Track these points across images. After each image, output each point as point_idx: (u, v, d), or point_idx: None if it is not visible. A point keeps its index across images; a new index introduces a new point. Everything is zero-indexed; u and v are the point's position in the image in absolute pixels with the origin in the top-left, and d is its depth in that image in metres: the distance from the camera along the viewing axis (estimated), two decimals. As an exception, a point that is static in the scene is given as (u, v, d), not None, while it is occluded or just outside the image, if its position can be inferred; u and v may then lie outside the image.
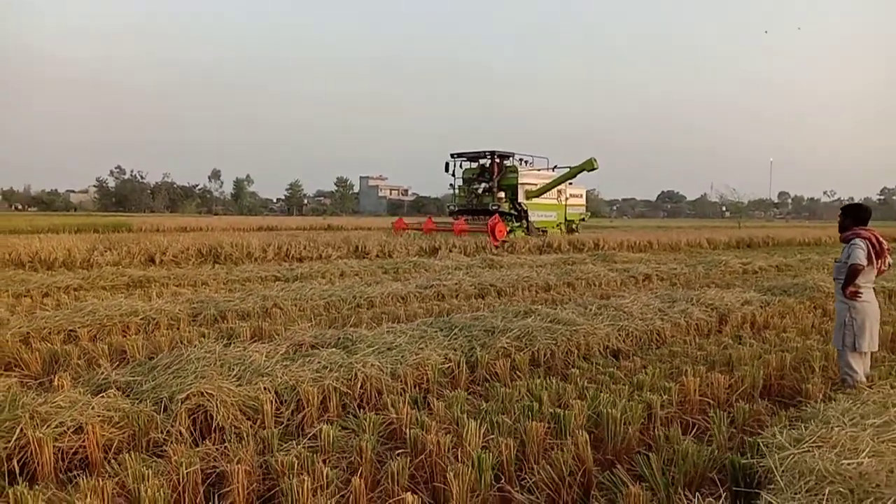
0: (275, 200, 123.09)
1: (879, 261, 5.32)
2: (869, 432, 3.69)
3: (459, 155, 25.79)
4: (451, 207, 27.10)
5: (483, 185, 25.59)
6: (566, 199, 27.58)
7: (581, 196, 29.15)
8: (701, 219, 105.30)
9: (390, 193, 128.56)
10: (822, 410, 4.27)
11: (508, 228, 23.04)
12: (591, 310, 8.45)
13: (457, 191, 26.61)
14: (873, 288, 5.53)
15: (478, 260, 17.34)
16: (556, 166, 26.74)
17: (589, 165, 23.97)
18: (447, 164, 25.97)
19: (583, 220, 29.59)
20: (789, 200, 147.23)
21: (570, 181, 25.98)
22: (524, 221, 24.75)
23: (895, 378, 5.55)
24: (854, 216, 5.50)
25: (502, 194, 24.76)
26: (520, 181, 25.10)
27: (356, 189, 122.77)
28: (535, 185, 25.48)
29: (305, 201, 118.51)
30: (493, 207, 24.20)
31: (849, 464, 3.22)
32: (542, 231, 25.50)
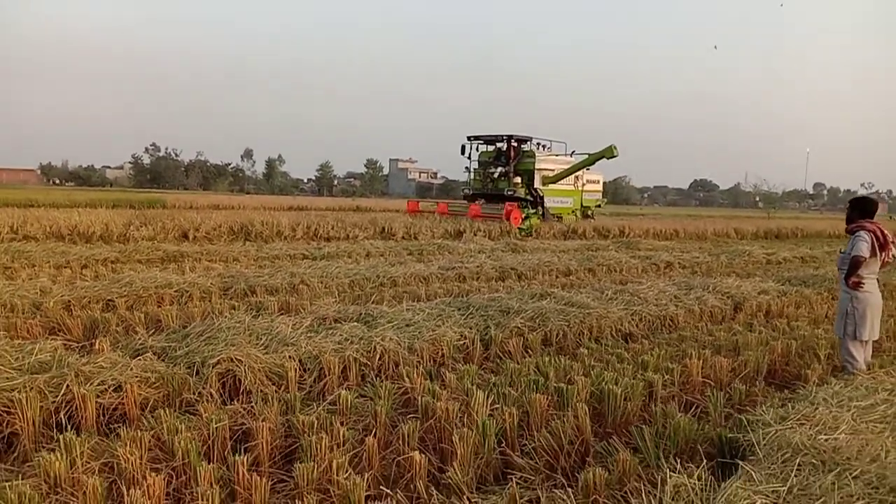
0: (305, 181, 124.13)
1: (883, 253, 5.49)
2: (852, 413, 3.92)
3: (476, 138, 25.27)
4: (466, 191, 26.70)
5: (499, 169, 25.12)
6: (583, 185, 26.98)
7: (598, 182, 28.51)
8: (733, 208, 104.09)
9: (419, 176, 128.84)
10: (814, 393, 4.49)
11: (524, 215, 22.53)
12: (606, 294, 8.68)
13: (472, 174, 26.18)
14: (877, 279, 5.69)
15: (501, 244, 17.58)
16: (573, 152, 26.24)
17: (609, 153, 23.60)
18: (463, 147, 25.40)
19: (598, 206, 28.92)
20: (825, 192, 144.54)
21: (587, 167, 25.72)
22: (540, 207, 24.26)
23: (896, 367, 5.72)
24: (860, 209, 5.66)
25: (518, 179, 24.26)
26: (537, 166, 24.56)
27: (385, 171, 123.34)
28: (553, 170, 24.96)
29: (335, 182, 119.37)
30: (509, 192, 23.76)
31: (825, 439, 3.46)
32: (558, 217, 25.10)
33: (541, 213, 23.75)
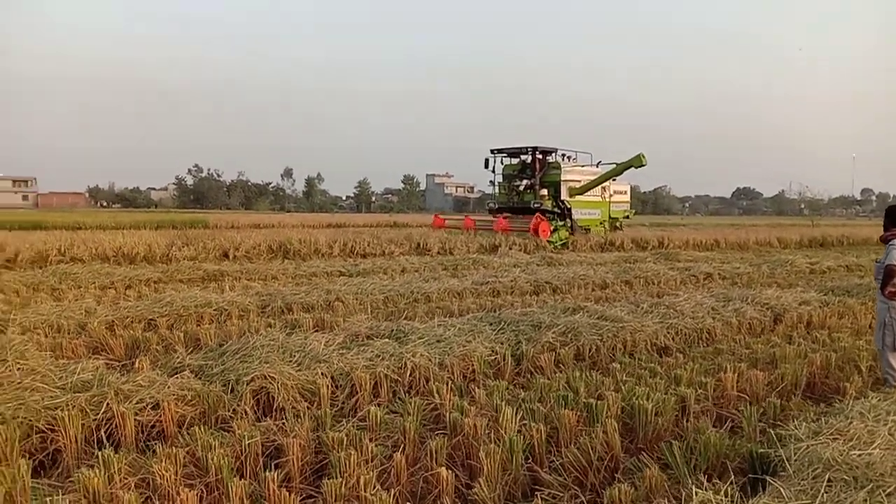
0: (344, 198, 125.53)
1: (921, 262, 5.34)
2: (889, 427, 3.82)
3: (500, 151, 24.82)
4: (491, 205, 25.99)
5: (525, 181, 24.55)
6: (610, 196, 26.32)
7: (625, 193, 27.75)
8: (778, 216, 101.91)
9: (456, 191, 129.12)
10: (850, 406, 4.38)
11: (553, 227, 22.14)
12: (641, 307, 8.60)
13: (497, 188, 25.63)
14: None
15: (537, 258, 17.55)
16: (600, 162, 25.51)
17: (637, 162, 22.93)
18: (487, 161, 24.93)
19: (627, 217, 28.17)
20: (873, 198, 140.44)
21: (615, 177, 25.15)
22: (567, 220, 23.63)
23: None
24: (894, 217, 5.53)
25: (545, 192, 23.75)
26: (563, 178, 23.96)
27: (423, 187, 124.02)
28: (579, 181, 24.39)
29: (373, 199, 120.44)
30: (535, 205, 23.23)
31: (859, 454, 3.39)
32: (586, 230, 24.59)
33: (569, 225, 23.24)
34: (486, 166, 24.97)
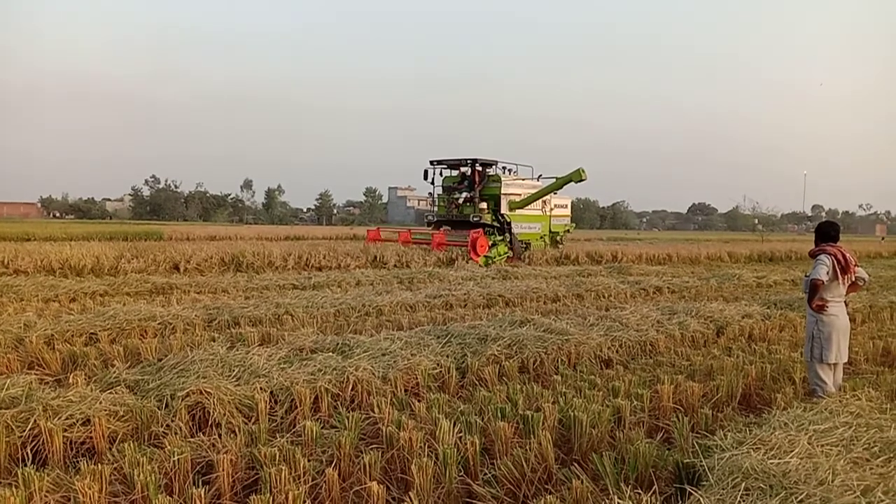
0: (305, 210, 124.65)
1: (845, 276, 5.54)
2: (808, 436, 3.94)
3: (439, 162, 23.78)
4: (430, 218, 25.00)
5: (464, 194, 23.70)
6: (550, 210, 25.75)
7: (566, 207, 27.33)
8: (732, 232, 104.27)
9: (418, 204, 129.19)
10: (776, 416, 4.51)
11: (491, 242, 21.46)
12: (588, 320, 8.73)
13: (437, 200, 24.56)
14: (844, 302, 5.74)
15: (492, 271, 17.65)
16: (541, 175, 24.88)
17: (577, 176, 22.51)
18: (426, 172, 23.83)
19: (568, 231, 27.69)
20: (823, 214, 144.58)
21: (555, 191, 24.56)
22: (507, 234, 22.90)
23: (869, 389, 5.74)
24: (823, 233, 5.74)
25: (484, 205, 22.96)
26: (503, 191, 23.22)
27: (385, 199, 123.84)
28: (520, 195, 23.69)
29: (335, 211, 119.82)
30: (475, 219, 22.42)
31: (776, 463, 3.48)
32: (526, 244, 23.95)
33: (508, 239, 22.60)
34: (426, 178, 23.98)
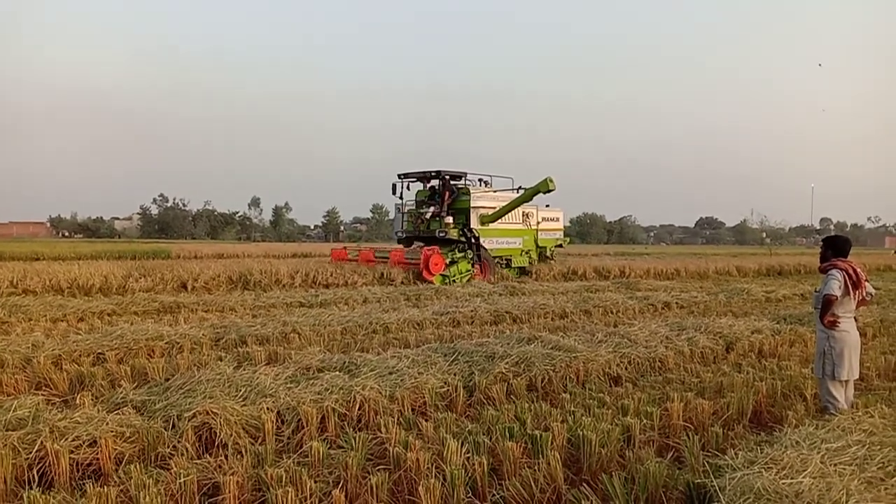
0: (312, 227, 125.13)
1: (857, 291, 5.49)
2: (821, 455, 3.88)
3: (406, 175, 22.78)
4: (399, 234, 23.65)
5: (430, 209, 22.47)
6: (537, 223, 24.29)
7: (557, 220, 25.67)
8: (740, 246, 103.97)
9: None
10: (787, 435, 4.45)
11: (448, 259, 20.05)
12: (596, 337, 8.67)
13: (403, 216, 23.28)
14: (854, 318, 5.69)
15: (500, 287, 17.61)
16: (520, 187, 22.85)
17: (544, 186, 21.13)
18: (394, 186, 22.74)
19: (560, 246, 26.16)
20: (832, 226, 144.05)
21: (535, 203, 23.45)
22: (470, 251, 21.35)
23: (882, 405, 5.66)
24: (834, 247, 5.69)
25: (450, 219, 21.62)
26: (472, 204, 21.91)
27: (391, 216, 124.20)
28: (494, 208, 22.33)
29: (342, 228, 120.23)
30: (440, 234, 21.29)
31: (789, 483, 3.43)
32: (506, 261, 22.92)
33: (471, 256, 21.03)
34: (394, 192, 22.91)
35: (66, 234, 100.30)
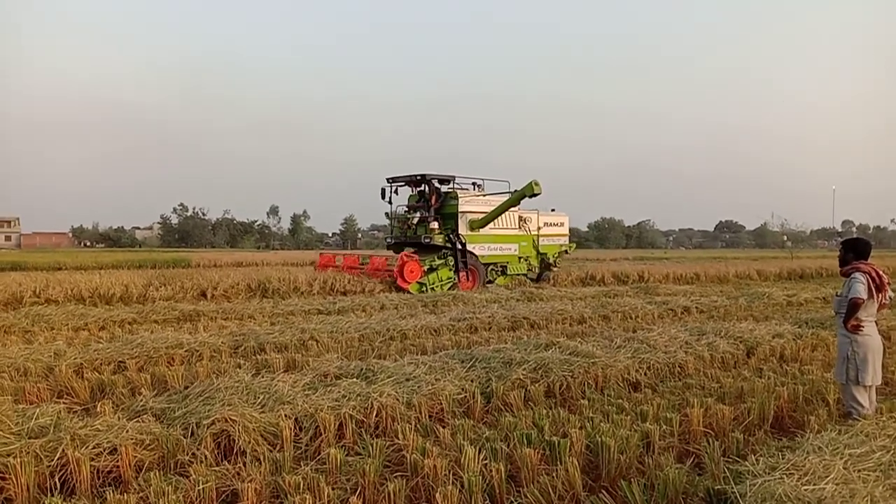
0: (330, 235, 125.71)
1: (880, 294, 5.41)
2: (844, 461, 3.83)
3: (394, 179, 21.82)
4: (389, 240, 23.11)
5: (417, 214, 21.77)
6: (538, 228, 23.03)
7: (562, 225, 24.25)
8: (761, 249, 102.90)
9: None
10: (810, 440, 4.39)
11: (426, 267, 19.28)
12: (615, 342, 8.61)
13: (392, 221, 22.67)
14: (874, 321, 5.60)
15: (517, 293, 17.58)
16: (515, 191, 21.34)
17: (529, 190, 19.86)
18: (383, 191, 21.83)
19: (566, 252, 24.71)
20: (854, 229, 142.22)
21: (537, 207, 22.75)
22: (451, 257, 20.34)
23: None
24: (854, 250, 5.61)
25: (436, 225, 20.72)
26: (461, 209, 20.90)
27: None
28: (484, 212, 21.21)
29: (360, 235, 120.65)
30: (426, 240, 20.46)
31: (811, 490, 3.38)
32: (502, 268, 22.10)
33: (457, 262, 20.19)
34: (383, 197, 22.03)
35: (88, 243, 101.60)
